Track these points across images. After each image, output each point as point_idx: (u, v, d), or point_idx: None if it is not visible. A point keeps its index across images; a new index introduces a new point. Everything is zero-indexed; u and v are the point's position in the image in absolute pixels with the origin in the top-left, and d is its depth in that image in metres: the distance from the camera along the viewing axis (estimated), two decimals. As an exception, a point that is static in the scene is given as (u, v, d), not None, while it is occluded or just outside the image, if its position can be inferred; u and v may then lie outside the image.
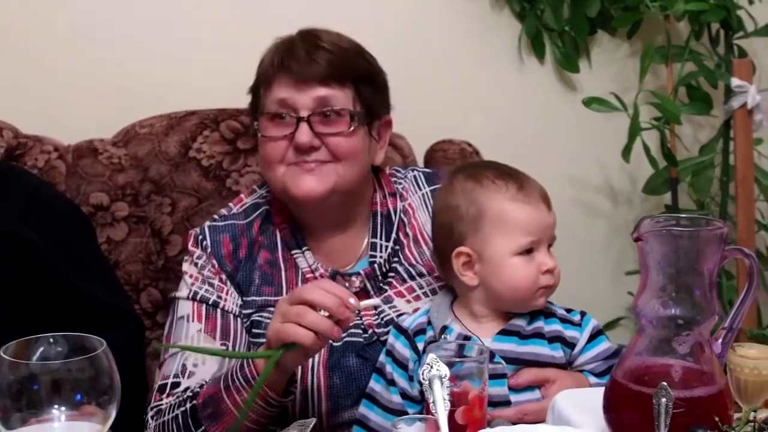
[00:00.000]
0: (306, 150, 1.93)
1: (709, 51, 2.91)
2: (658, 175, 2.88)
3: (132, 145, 2.51)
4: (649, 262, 1.48)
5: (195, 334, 1.96)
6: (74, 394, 1.25)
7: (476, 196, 1.87)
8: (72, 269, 2.16)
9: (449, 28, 2.85)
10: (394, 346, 1.91)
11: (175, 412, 1.86)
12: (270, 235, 2.06)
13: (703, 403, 1.41)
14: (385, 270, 2.03)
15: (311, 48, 1.96)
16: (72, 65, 2.63)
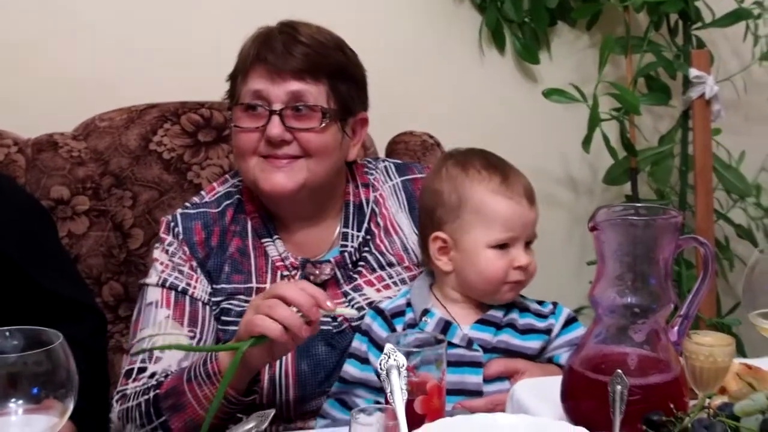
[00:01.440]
0: (277, 143, 1.93)
1: (667, 42, 2.93)
2: (618, 166, 2.90)
3: (92, 139, 2.50)
4: (606, 252, 1.49)
5: (163, 320, 1.96)
6: (31, 387, 1.24)
7: (459, 184, 1.88)
8: (32, 263, 2.14)
9: (410, 19, 2.85)
10: (371, 327, 1.93)
11: (138, 400, 1.86)
12: (242, 223, 2.06)
13: (658, 390, 1.42)
14: (356, 259, 2.04)
15: (288, 41, 1.95)
16: (31, 58, 2.61)
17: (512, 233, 1.86)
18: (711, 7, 2.91)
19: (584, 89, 2.82)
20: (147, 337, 1.95)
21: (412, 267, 2.04)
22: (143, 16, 2.67)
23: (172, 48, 2.68)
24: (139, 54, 2.67)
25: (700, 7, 2.88)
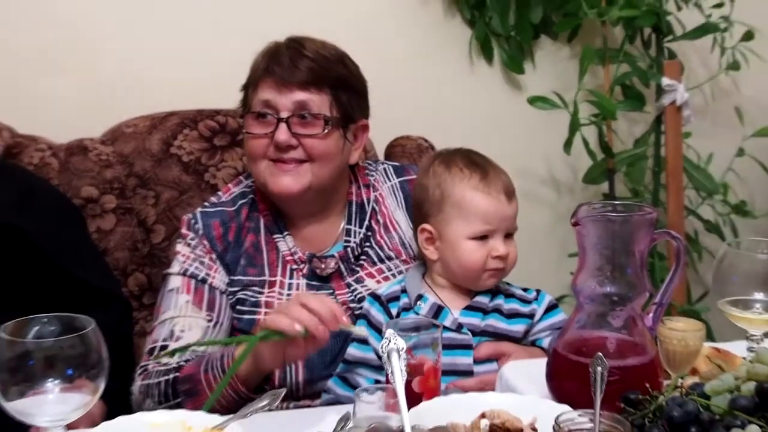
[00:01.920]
0: (284, 148, 1.94)
1: (641, 53, 2.92)
2: (596, 167, 2.90)
3: (119, 143, 2.50)
4: (586, 245, 1.50)
5: (183, 304, 1.97)
6: (66, 368, 1.25)
7: (443, 180, 1.89)
8: (64, 256, 2.15)
9: (407, 33, 2.85)
10: (370, 311, 1.93)
11: (159, 379, 1.87)
12: (255, 220, 2.05)
13: (635, 371, 1.43)
14: (358, 253, 2.05)
15: (294, 55, 1.96)
16: (63, 70, 2.60)
17: (490, 226, 1.87)
18: (681, 21, 2.91)
19: (565, 97, 2.82)
20: (168, 319, 1.96)
21: (409, 260, 2.05)
22: (165, 31, 2.67)
23: (191, 60, 2.68)
24: (161, 65, 2.67)
25: (671, 21, 2.88)
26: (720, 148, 3.00)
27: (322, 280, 2.02)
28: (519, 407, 1.42)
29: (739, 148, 2.99)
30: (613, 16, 2.78)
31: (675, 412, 1.28)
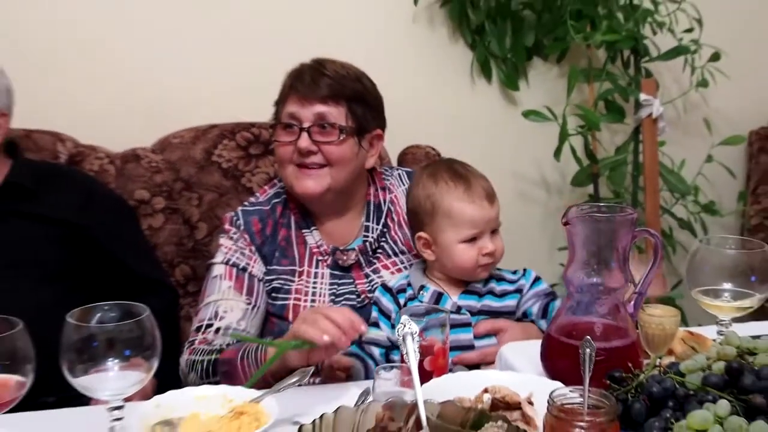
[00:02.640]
0: (305, 153, 1.94)
1: (622, 72, 2.91)
2: (582, 171, 2.89)
3: (167, 152, 2.52)
4: (575, 242, 1.49)
5: (226, 289, 1.97)
6: (125, 349, 1.26)
7: (432, 193, 1.88)
8: (120, 250, 2.18)
9: (416, 56, 2.85)
10: (381, 300, 1.94)
11: (202, 357, 1.87)
12: (287, 217, 2.05)
13: (619, 352, 1.43)
14: (375, 247, 2.04)
15: (315, 74, 1.96)
16: (118, 88, 2.61)
17: (477, 229, 1.86)
18: (656, 44, 2.90)
19: (555, 110, 2.80)
20: (213, 301, 1.96)
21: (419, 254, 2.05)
22: (208, 55, 2.68)
23: (229, 80, 2.68)
24: (204, 84, 2.67)
25: (647, 44, 2.87)
26: (691, 155, 2.99)
27: (343, 270, 2.02)
28: (517, 384, 1.42)
29: (708, 155, 2.98)
30: (596, 40, 2.77)
31: (654, 388, 1.28)
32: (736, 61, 2.92)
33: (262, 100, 2.09)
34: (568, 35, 2.76)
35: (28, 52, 2.44)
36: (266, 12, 2.70)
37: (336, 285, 2.00)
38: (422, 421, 1.19)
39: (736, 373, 1.25)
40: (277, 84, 2.05)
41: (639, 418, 1.27)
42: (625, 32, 2.77)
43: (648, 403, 1.28)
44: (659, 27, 2.86)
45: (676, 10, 2.85)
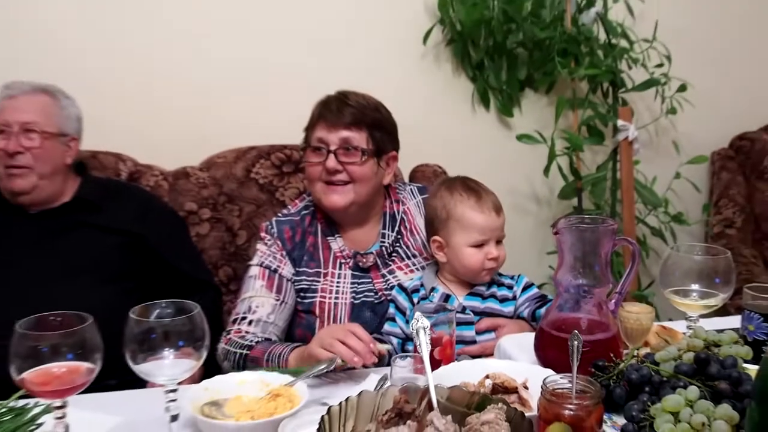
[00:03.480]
0: (332, 172, 1.94)
1: (601, 101, 2.90)
2: (568, 186, 2.88)
3: (212, 170, 2.53)
4: (564, 248, 1.49)
5: (259, 287, 1.97)
6: (178, 341, 1.26)
7: (447, 202, 1.88)
8: (173, 254, 2.18)
9: (425, 88, 2.85)
10: (397, 298, 1.94)
11: (236, 350, 1.87)
12: (314, 226, 2.04)
13: (602, 344, 1.43)
14: (390, 251, 2.03)
15: (340, 104, 1.96)
16: (171, 114, 2.62)
17: (485, 236, 1.86)
18: (632, 77, 2.89)
19: (545, 134, 2.81)
20: (247, 298, 1.96)
21: (429, 258, 2.03)
22: (248, 86, 2.68)
23: (266, 108, 2.68)
24: (245, 112, 2.68)
25: (624, 77, 2.86)
26: (662, 172, 2.98)
27: (363, 271, 2.01)
28: (514, 371, 1.43)
29: (676, 173, 2.97)
30: (580, 74, 2.78)
31: (633, 375, 1.28)
32: (700, 91, 2.91)
33: (294, 126, 2.09)
34: (556, 70, 2.77)
35: (95, 84, 2.45)
36: (296, 52, 2.70)
37: (356, 284, 2.00)
38: (433, 403, 1.19)
39: (704, 363, 1.25)
40: (306, 113, 2.05)
41: (620, 401, 1.27)
42: (604, 67, 2.78)
43: (627, 388, 1.29)
44: (634, 62, 2.86)
45: (648, 48, 2.85)
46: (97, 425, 1.38)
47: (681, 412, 1.16)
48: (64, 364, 1.19)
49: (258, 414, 1.38)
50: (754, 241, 2.99)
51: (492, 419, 1.12)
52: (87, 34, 2.53)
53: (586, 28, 2.78)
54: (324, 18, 2.71)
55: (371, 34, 2.76)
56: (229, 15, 2.64)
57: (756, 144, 3.06)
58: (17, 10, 2.48)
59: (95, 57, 2.53)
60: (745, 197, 3.02)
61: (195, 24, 2.61)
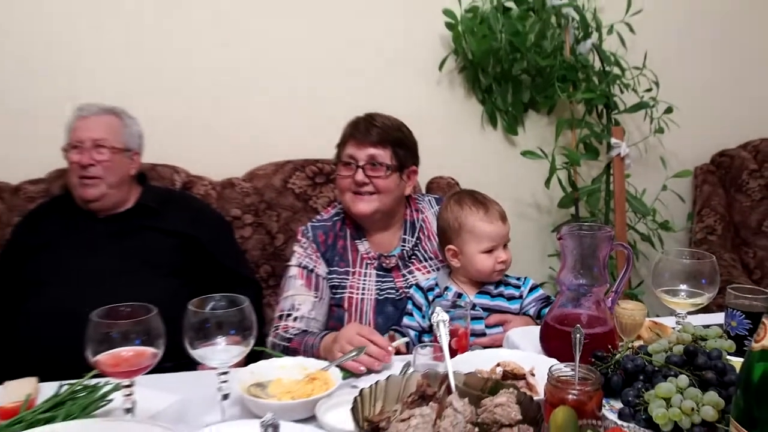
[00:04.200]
0: (360, 184, 1.95)
1: (597, 122, 2.89)
2: (566, 197, 2.87)
3: (254, 181, 2.55)
4: (566, 252, 1.49)
5: (299, 286, 1.98)
6: (230, 329, 1.28)
7: (458, 215, 1.88)
8: (220, 253, 2.19)
9: (441, 109, 2.85)
10: (414, 296, 1.95)
11: (280, 342, 1.89)
12: (344, 230, 2.05)
13: (600, 337, 1.43)
14: (410, 254, 2.04)
15: (368, 125, 1.98)
16: (219, 132, 2.64)
17: (494, 243, 1.86)
18: (624, 100, 2.88)
19: (546, 150, 2.80)
20: (290, 296, 1.97)
21: (443, 261, 2.04)
22: (286, 109, 2.69)
23: (301, 127, 2.69)
24: (281, 130, 2.68)
25: (617, 100, 2.85)
26: (650, 185, 2.96)
27: (386, 271, 2.02)
28: (522, 360, 1.43)
29: (663, 185, 2.95)
30: (577, 98, 2.78)
31: (628, 364, 1.28)
32: (684, 113, 2.90)
33: (325, 143, 2.11)
34: (556, 94, 2.77)
35: (154, 106, 2.46)
36: (328, 79, 2.71)
37: (380, 282, 2.01)
38: (452, 387, 1.19)
39: (692, 355, 1.24)
40: (336, 131, 2.06)
41: (617, 388, 1.27)
42: (599, 92, 2.77)
43: (624, 376, 1.28)
44: (625, 87, 2.85)
45: (639, 75, 2.85)
46: (159, 402, 1.39)
47: (672, 398, 1.16)
48: (132, 349, 1.21)
49: (297, 394, 1.39)
50: (733, 246, 2.97)
51: (504, 402, 1.12)
52: (146, 62, 2.55)
53: (583, 57, 2.77)
54: (354, 49, 2.72)
55: (395, 63, 2.77)
56: (271, 48, 2.65)
57: (735, 160, 3.04)
58: (81, 39, 2.50)
59: (153, 82, 2.56)
60: (725, 207, 3.00)
61: (242, 57, 2.63)
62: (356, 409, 1.14)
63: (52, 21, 2.47)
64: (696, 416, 1.13)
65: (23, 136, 2.47)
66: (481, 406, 1.13)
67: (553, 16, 2.77)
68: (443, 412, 1.13)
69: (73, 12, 2.49)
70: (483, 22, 2.70)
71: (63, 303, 1.91)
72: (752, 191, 2.97)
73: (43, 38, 2.47)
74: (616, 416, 1.21)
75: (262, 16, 2.64)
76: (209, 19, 2.59)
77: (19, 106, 2.47)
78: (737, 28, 3.11)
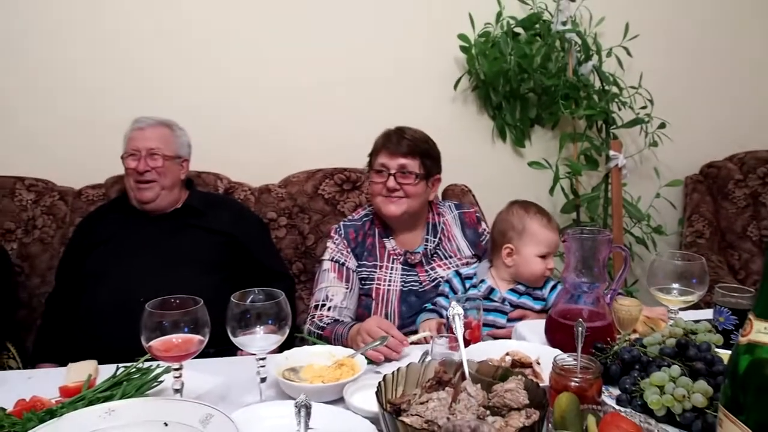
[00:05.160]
0: (391, 190, 1.96)
1: (596, 136, 2.88)
2: (569, 203, 2.86)
3: (288, 187, 2.55)
4: (570, 253, 1.49)
5: (332, 278, 1.98)
6: (268, 320, 1.29)
7: (524, 218, 1.86)
8: (258, 251, 2.20)
9: (455, 124, 2.84)
10: (452, 281, 1.93)
11: (315, 330, 1.90)
12: (373, 229, 2.06)
13: (600, 330, 1.42)
14: (432, 252, 2.04)
15: (399, 137, 1.98)
16: (258, 143, 2.65)
17: (549, 249, 1.84)
18: (621, 116, 2.85)
19: (550, 161, 2.80)
20: (324, 287, 1.98)
21: (463, 258, 2.03)
22: (318, 122, 2.70)
23: (331, 139, 2.70)
24: (314, 141, 2.70)
25: (615, 117, 2.83)
26: (645, 192, 2.94)
27: (410, 266, 2.02)
28: (528, 350, 1.42)
29: (657, 193, 2.93)
30: (579, 114, 2.76)
31: (625, 355, 1.27)
32: (676, 128, 2.87)
33: (352, 153, 2.13)
34: (560, 111, 2.75)
35: (199, 117, 2.49)
36: (355, 95, 2.72)
37: (405, 275, 2.01)
38: (466, 374, 1.19)
39: (684, 347, 1.24)
40: (363, 144, 2.07)
41: (615, 376, 1.26)
42: (599, 108, 2.76)
43: (621, 366, 1.27)
44: (623, 105, 2.83)
45: (635, 93, 2.83)
46: (204, 383, 1.40)
47: (666, 386, 1.15)
48: (181, 336, 1.22)
49: (327, 378, 1.40)
50: (719, 249, 2.93)
51: (513, 388, 1.12)
52: (193, 81, 2.59)
53: (584, 78, 2.76)
54: (379, 70, 2.73)
55: (415, 82, 2.78)
56: (306, 72, 2.67)
57: (722, 171, 3.00)
58: (137, 60, 2.54)
59: (199, 98, 2.58)
60: (712, 213, 2.96)
61: (280, 77, 2.65)
62: (380, 393, 1.15)
63: (115, 47, 2.52)
64: (687, 403, 1.13)
65: (86, 146, 2.52)
66: (492, 391, 1.13)
67: (557, 40, 2.76)
68: (458, 396, 1.13)
69: (131, 37, 2.53)
70: (494, 46, 2.70)
71: (118, 294, 1.94)
72: (737, 199, 2.93)
73: (105, 62, 2.52)
74: (614, 402, 1.21)
75: (296, 43, 2.66)
76: (250, 39, 2.62)
77: (84, 119, 2.52)
78: (726, 52, 3.07)
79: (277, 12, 2.62)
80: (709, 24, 3.03)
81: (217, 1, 2.58)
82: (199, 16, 2.57)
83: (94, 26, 2.50)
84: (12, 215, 2.35)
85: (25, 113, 2.51)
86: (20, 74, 2.49)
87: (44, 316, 2.13)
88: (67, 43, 2.49)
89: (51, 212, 2.38)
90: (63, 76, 2.51)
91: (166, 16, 2.55)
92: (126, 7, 2.52)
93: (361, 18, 2.70)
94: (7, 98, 2.49)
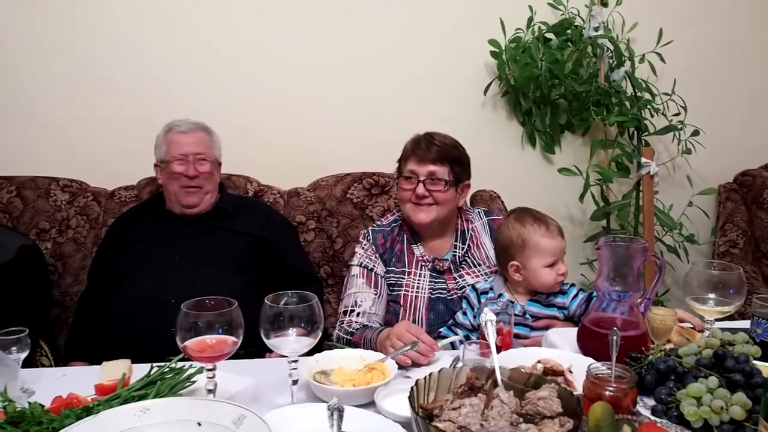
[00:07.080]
0: (420, 197, 1.96)
1: (628, 142, 2.85)
2: (599, 210, 2.83)
3: (317, 191, 2.56)
4: (603, 261, 1.48)
5: (360, 284, 1.98)
6: (300, 322, 1.29)
7: (521, 232, 1.83)
8: (287, 254, 2.21)
9: (485, 130, 2.84)
10: (470, 296, 1.92)
11: (344, 335, 1.90)
12: (402, 236, 2.06)
13: (634, 339, 1.41)
14: (461, 260, 2.03)
15: (428, 143, 1.98)
16: (287, 148, 2.68)
17: (555, 257, 1.82)
18: (653, 123, 2.82)
19: (581, 168, 2.78)
20: (352, 293, 1.98)
21: (491, 266, 2.02)
22: (347, 128, 2.72)
23: (359, 144, 2.72)
24: (343, 147, 2.71)
25: (647, 123, 2.80)
26: (677, 201, 2.91)
27: (439, 273, 2.01)
28: (560, 358, 1.42)
29: (689, 201, 2.90)
30: (610, 120, 2.74)
31: (661, 365, 1.26)
32: (710, 136, 2.83)
33: (381, 158, 2.13)
34: (591, 117, 2.73)
35: (232, 119, 2.52)
36: (386, 101, 2.73)
37: (433, 282, 2.00)
38: (498, 381, 1.19)
39: (721, 358, 1.22)
40: (392, 149, 2.07)
41: (650, 387, 1.25)
42: (631, 115, 2.73)
43: (656, 376, 1.26)
44: (655, 111, 2.80)
45: (668, 100, 2.79)
46: (237, 383, 1.42)
47: (703, 397, 1.14)
48: (215, 337, 1.24)
49: (358, 382, 1.41)
50: (753, 259, 2.88)
51: (546, 395, 1.12)
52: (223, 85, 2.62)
53: (616, 84, 2.74)
54: (410, 75, 2.74)
55: (445, 87, 2.78)
56: (336, 78, 2.69)
57: (757, 179, 2.96)
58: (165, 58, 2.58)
59: (231, 103, 2.62)
60: (746, 223, 2.91)
61: (309, 83, 2.67)
62: (413, 398, 1.15)
63: (151, 51, 2.57)
64: (725, 414, 1.11)
65: (119, 148, 2.57)
66: (525, 399, 1.13)
67: (589, 46, 2.74)
68: (491, 402, 1.13)
69: (169, 41, 2.58)
70: (525, 51, 2.69)
71: (149, 293, 1.96)
72: (774, 209, 2.88)
73: (140, 64, 2.57)
74: (650, 412, 1.20)
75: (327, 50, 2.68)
76: (282, 47, 2.64)
77: (118, 121, 2.57)
78: (761, 59, 3.03)
79: (306, 20, 2.65)
80: (744, 30, 2.98)
81: (252, 10, 2.61)
82: (236, 25, 2.60)
83: (131, 28, 2.55)
84: (47, 215, 2.40)
85: (61, 116, 2.56)
86: (56, 78, 2.55)
87: (76, 314, 2.16)
88: (102, 46, 2.54)
89: (84, 213, 2.42)
90: (98, 79, 2.55)
91: (206, 24, 2.59)
92: (169, 9, 2.56)
93: (391, 22, 2.71)
94: (43, 101, 2.55)
